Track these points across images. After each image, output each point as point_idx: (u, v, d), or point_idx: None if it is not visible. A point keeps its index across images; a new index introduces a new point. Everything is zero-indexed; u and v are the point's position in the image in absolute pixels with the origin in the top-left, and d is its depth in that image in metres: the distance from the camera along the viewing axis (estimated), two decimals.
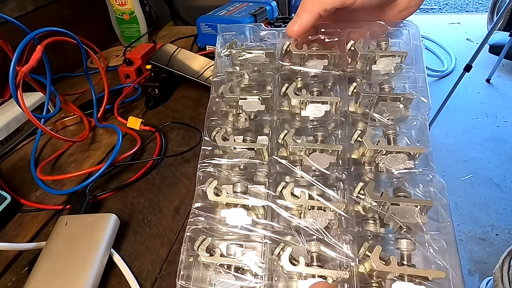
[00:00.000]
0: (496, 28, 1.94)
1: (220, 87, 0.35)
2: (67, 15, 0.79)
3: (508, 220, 1.40)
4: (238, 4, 0.85)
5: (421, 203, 0.27)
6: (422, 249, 0.27)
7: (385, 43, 0.34)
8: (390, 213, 0.27)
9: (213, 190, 0.30)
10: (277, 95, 0.35)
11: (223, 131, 0.33)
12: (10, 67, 0.42)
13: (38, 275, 0.33)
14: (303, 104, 0.33)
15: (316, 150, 0.31)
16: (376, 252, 0.26)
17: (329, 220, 0.28)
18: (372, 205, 0.28)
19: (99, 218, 0.38)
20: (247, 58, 0.36)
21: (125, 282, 0.34)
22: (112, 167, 0.48)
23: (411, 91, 0.33)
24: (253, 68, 0.36)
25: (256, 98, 0.34)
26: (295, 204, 0.29)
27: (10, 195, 0.42)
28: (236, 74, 0.37)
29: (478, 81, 2.28)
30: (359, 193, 0.29)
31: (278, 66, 0.36)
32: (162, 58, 0.64)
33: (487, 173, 1.62)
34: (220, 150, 0.33)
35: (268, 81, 0.37)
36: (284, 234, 0.28)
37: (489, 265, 1.24)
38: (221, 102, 0.35)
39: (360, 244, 0.27)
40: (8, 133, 0.55)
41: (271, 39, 0.38)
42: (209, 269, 0.29)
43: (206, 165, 0.32)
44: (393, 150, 0.30)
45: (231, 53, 0.37)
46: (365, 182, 0.29)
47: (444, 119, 1.89)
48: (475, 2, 3.83)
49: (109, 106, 0.61)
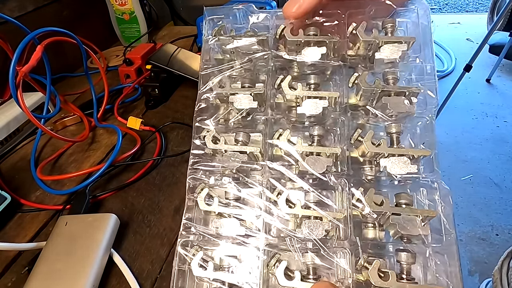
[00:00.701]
0: (496, 28, 1.93)
1: (209, 80, 0.32)
2: (67, 15, 0.79)
3: (508, 220, 1.40)
4: (238, 4, 0.85)
5: (423, 213, 0.25)
6: (422, 261, 0.26)
7: (391, 25, 0.30)
8: (390, 222, 0.26)
9: (205, 198, 0.29)
10: (271, 88, 0.32)
11: (213, 132, 0.31)
12: (10, 67, 0.42)
13: (38, 275, 0.33)
14: (299, 99, 0.30)
15: (312, 153, 0.29)
16: (374, 267, 0.24)
17: (326, 232, 0.26)
18: (372, 215, 0.27)
19: (99, 218, 0.38)
20: (238, 46, 0.32)
21: (125, 282, 0.34)
22: (112, 167, 0.48)
23: (418, 84, 0.29)
24: (244, 57, 0.33)
25: (248, 93, 0.31)
26: (290, 214, 0.27)
27: (10, 195, 0.42)
28: (225, 65, 0.33)
29: (478, 81, 2.28)
30: (358, 200, 0.27)
31: (271, 55, 0.32)
32: (162, 58, 0.64)
33: (487, 173, 1.62)
34: (211, 150, 0.31)
35: (262, 71, 0.33)
36: (278, 246, 0.27)
37: (489, 265, 1.24)
38: (209, 97, 0.32)
39: (358, 255, 0.26)
40: (8, 133, 0.55)
41: (263, 21, 0.33)
42: (203, 282, 0.28)
43: (195, 170, 0.31)
44: (395, 153, 0.28)
45: (219, 39, 0.33)
46: (365, 188, 0.28)
47: (444, 119, 1.89)
48: (475, 2, 3.83)
49: (109, 106, 0.61)
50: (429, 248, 0.26)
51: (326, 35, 0.31)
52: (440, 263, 0.25)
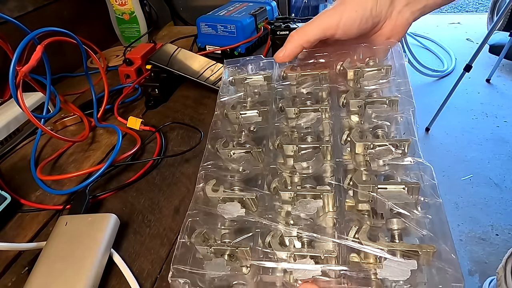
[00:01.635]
0: (496, 28, 1.94)
1: (224, 105, 0.40)
2: (67, 15, 0.79)
3: (508, 220, 1.40)
4: (238, 4, 0.85)
5: (408, 184, 0.27)
6: (412, 229, 0.26)
7: (372, 60, 0.38)
8: (378, 196, 0.27)
9: (212, 187, 0.31)
10: (274, 111, 0.38)
11: (224, 140, 0.36)
12: (10, 67, 0.42)
13: (38, 275, 0.33)
14: (296, 114, 0.36)
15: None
16: (364, 230, 0.26)
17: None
18: (360, 192, 0.28)
19: (99, 218, 0.38)
20: (248, 82, 0.41)
21: (125, 282, 0.34)
22: (112, 167, 0.48)
23: (396, 94, 0.35)
24: (253, 90, 0.41)
25: (255, 112, 0.38)
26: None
27: (10, 195, 0.42)
28: (238, 95, 0.41)
29: (478, 81, 2.28)
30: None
31: (275, 88, 0.40)
32: (162, 58, 0.64)
33: (487, 173, 1.62)
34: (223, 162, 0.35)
35: (267, 100, 0.40)
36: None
37: (489, 265, 1.24)
38: (224, 119, 0.39)
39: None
40: (8, 133, 0.55)
41: (268, 65, 0.43)
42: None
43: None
44: (380, 143, 0.30)
45: (234, 79, 0.42)
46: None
47: (444, 119, 1.89)
48: (475, 2, 3.83)
49: (109, 106, 0.61)
50: (418, 213, 0.27)
51: (318, 70, 0.39)
52: (429, 225, 0.26)
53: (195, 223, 0.30)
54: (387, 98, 0.34)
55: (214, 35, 0.78)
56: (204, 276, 0.27)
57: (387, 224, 0.27)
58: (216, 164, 0.35)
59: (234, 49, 0.76)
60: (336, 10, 0.37)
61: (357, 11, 0.36)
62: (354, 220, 0.28)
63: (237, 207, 0.30)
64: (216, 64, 0.68)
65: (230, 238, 0.30)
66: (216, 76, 0.65)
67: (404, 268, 0.24)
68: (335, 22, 0.37)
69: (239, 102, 0.40)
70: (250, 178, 0.33)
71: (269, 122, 0.37)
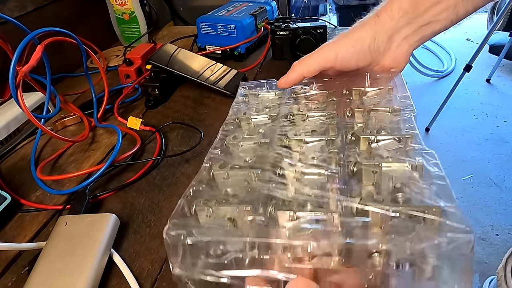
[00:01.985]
0: (496, 28, 1.93)
1: (236, 111, 0.41)
2: (67, 15, 0.80)
3: (508, 220, 1.40)
4: (238, 4, 0.85)
5: (410, 162, 0.28)
6: (417, 196, 0.27)
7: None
8: (383, 170, 0.28)
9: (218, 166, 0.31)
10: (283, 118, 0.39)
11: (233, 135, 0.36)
12: (10, 67, 0.42)
13: (38, 275, 0.33)
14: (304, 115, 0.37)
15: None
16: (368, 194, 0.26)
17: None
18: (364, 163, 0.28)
19: (99, 218, 0.38)
20: (261, 97, 0.43)
21: (125, 282, 0.34)
22: (112, 167, 0.48)
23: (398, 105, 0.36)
24: (264, 105, 0.43)
25: (265, 116, 0.39)
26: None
27: (10, 195, 0.42)
28: (249, 106, 0.42)
29: (478, 81, 2.28)
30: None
31: (286, 105, 0.41)
32: (162, 58, 0.64)
33: (487, 173, 1.62)
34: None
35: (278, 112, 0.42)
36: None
37: (489, 265, 1.24)
38: (234, 122, 0.40)
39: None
40: (8, 133, 0.55)
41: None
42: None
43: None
44: (383, 138, 0.31)
45: (247, 94, 0.44)
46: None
47: (444, 119, 1.89)
48: None
49: (109, 106, 0.61)
50: (421, 183, 0.27)
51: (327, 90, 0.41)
52: (434, 192, 0.27)
53: (196, 192, 0.29)
54: (390, 107, 0.35)
55: (214, 35, 0.78)
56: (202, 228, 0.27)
57: (392, 194, 0.27)
58: (225, 150, 0.34)
59: (234, 49, 0.76)
60: (335, 44, 0.39)
61: (354, 47, 0.38)
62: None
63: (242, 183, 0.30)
64: (216, 64, 0.68)
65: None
66: (216, 76, 0.65)
67: (409, 224, 0.24)
68: (333, 56, 0.39)
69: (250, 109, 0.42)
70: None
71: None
